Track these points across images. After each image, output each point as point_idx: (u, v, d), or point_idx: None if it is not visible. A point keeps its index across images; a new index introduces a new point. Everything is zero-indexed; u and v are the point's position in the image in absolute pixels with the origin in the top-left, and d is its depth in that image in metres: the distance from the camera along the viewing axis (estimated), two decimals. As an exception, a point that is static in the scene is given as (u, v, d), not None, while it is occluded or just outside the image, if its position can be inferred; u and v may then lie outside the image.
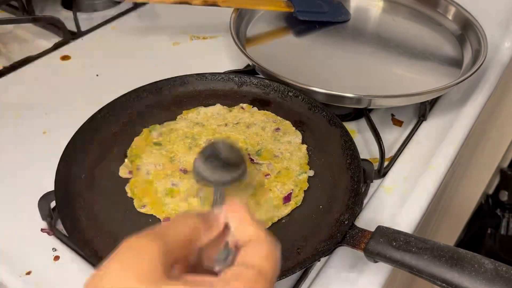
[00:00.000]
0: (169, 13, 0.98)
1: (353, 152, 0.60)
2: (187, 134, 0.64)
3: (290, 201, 0.56)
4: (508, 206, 1.56)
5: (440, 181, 0.64)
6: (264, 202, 0.55)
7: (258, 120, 0.66)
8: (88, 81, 0.80)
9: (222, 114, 0.67)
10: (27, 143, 0.69)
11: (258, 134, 0.64)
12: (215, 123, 0.66)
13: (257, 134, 0.64)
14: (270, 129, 0.65)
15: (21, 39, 0.90)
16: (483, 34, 0.79)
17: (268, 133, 0.64)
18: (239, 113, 0.67)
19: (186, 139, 0.63)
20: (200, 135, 0.64)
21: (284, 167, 0.60)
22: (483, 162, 1.33)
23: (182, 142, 0.63)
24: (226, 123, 0.66)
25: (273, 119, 0.67)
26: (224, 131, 0.64)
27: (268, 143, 0.63)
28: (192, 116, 0.67)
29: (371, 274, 0.53)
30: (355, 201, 0.55)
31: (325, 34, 0.86)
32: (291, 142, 0.63)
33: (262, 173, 0.59)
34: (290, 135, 0.64)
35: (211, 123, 0.66)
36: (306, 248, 0.52)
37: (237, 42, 0.75)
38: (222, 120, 0.66)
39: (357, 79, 0.75)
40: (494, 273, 0.43)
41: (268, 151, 0.62)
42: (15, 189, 0.62)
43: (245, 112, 0.67)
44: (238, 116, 0.67)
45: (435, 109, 0.75)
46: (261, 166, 0.60)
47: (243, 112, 0.67)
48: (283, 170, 0.59)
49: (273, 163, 0.60)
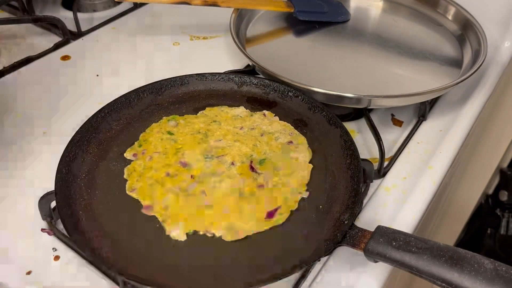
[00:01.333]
0: (169, 13, 0.98)
1: (353, 152, 0.60)
2: (200, 130, 0.64)
3: (273, 217, 0.55)
4: (507, 206, 1.56)
5: (440, 181, 0.64)
6: (247, 212, 0.55)
7: (275, 129, 0.65)
8: (88, 81, 0.80)
9: (242, 117, 0.67)
10: (27, 143, 0.69)
11: (268, 143, 0.63)
12: (232, 125, 0.65)
13: (268, 143, 0.63)
14: (282, 141, 0.64)
15: (21, 39, 0.90)
16: (483, 34, 0.79)
17: (279, 144, 0.63)
18: (258, 119, 0.67)
19: (198, 134, 0.64)
20: (213, 133, 0.64)
21: (280, 182, 0.58)
22: (483, 162, 1.33)
23: (193, 136, 0.64)
24: (242, 126, 0.65)
25: (290, 132, 0.65)
26: (237, 134, 0.64)
27: (275, 154, 0.62)
28: (212, 114, 0.67)
29: (371, 274, 0.53)
30: (355, 201, 0.55)
31: (325, 34, 0.86)
32: (299, 159, 0.61)
33: (257, 182, 0.58)
34: (300, 152, 0.62)
35: (228, 123, 0.66)
36: (306, 248, 0.52)
37: (237, 42, 0.75)
38: (240, 123, 0.66)
39: (357, 79, 0.75)
40: (493, 273, 0.43)
41: (271, 163, 0.61)
42: (15, 189, 0.62)
43: (265, 119, 0.67)
44: (256, 122, 0.66)
45: (435, 109, 0.75)
46: (258, 175, 0.59)
47: (263, 119, 0.67)
48: (279, 185, 0.58)
49: (272, 176, 0.59)
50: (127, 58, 0.86)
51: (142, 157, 0.61)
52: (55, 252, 0.55)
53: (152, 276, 0.48)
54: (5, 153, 0.67)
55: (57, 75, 0.81)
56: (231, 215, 0.54)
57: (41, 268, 0.53)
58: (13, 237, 0.56)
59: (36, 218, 0.57)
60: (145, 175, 0.58)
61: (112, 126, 0.65)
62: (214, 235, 0.53)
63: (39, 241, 0.56)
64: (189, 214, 0.54)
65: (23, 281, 0.52)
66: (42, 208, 0.56)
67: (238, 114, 0.68)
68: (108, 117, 0.65)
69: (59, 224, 0.56)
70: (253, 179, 0.58)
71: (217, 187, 0.57)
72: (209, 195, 0.56)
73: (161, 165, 0.60)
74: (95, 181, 0.58)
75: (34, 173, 0.64)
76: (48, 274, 0.53)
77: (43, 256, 0.54)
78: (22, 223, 0.58)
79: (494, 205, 1.59)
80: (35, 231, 0.57)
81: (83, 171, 0.59)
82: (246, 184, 0.58)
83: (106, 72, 0.82)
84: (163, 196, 0.56)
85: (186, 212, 0.55)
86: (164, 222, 0.54)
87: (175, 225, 0.53)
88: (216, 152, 0.61)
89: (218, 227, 0.53)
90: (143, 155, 0.61)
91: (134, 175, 0.59)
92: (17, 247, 0.55)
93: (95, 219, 0.54)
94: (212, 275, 0.50)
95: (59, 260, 0.54)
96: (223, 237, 0.53)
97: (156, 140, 0.63)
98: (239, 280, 0.49)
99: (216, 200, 0.56)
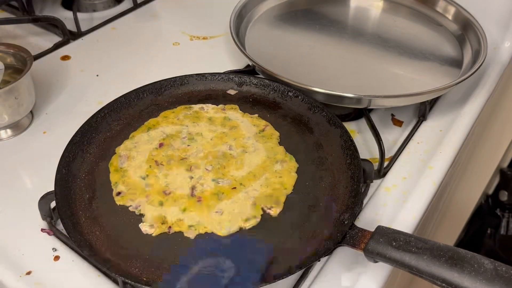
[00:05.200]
0: (169, 13, 0.98)
1: (353, 152, 0.60)
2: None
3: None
4: (507, 206, 1.56)
5: (440, 181, 0.64)
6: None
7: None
8: (88, 81, 0.80)
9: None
10: (27, 143, 0.69)
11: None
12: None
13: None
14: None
15: (21, 39, 0.90)
16: (483, 34, 0.79)
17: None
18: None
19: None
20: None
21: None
22: (483, 162, 1.33)
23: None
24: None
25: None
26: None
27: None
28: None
29: (371, 274, 0.53)
30: (355, 201, 0.55)
31: (325, 34, 0.86)
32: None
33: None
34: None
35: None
36: (306, 248, 0.52)
37: (237, 42, 0.75)
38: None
39: (357, 79, 0.75)
40: (493, 273, 0.43)
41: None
42: (15, 189, 0.62)
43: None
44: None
45: (435, 109, 0.75)
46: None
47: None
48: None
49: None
50: (127, 58, 0.86)
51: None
52: (55, 252, 0.55)
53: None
54: (6, 153, 0.67)
55: (57, 75, 0.81)
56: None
57: (41, 268, 0.53)
58: (13, 237, 0.56)
59: (36, 218, 0.57)
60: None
61: (112, 126, 0.65)
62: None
63: (39, 241, 0.56)
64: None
65: (23, 281, 0.52)
66: (42, 208, 0.56)
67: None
68: (108, 117, 0.65)
69: (59, 224, 0.56)
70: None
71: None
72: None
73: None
74: (95, 181, 0.58)
75: (34, 173, 0.64)
76: (48, 274, 0.53)
77: (43, 256, 0.54)
78: (22, 223, 0.58)
79: (494, 205, 1.59)
80: (35, 231, 0.57)
81: (83, 171, 0.59)
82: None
83: (106, 72, 0.82)
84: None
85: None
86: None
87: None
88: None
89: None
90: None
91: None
92: (17, 247, 0.55)
93: (94, 219, 0.54)
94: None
95: (59, 260, 0.54)
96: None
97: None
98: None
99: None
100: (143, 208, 0.55)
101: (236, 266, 0.50)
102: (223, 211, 0.55)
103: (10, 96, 0.66)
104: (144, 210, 0.55)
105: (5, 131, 0.69)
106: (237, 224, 0.54)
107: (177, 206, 0.56)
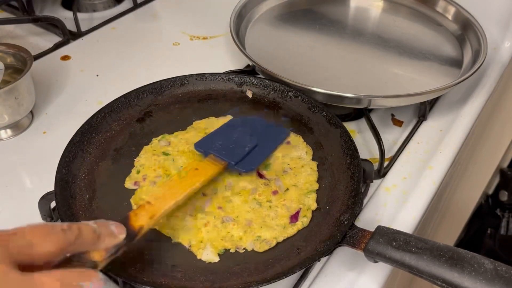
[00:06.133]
0: (169, 13, 0.98)
1: (353, 152, 0.60)
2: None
3: (297, 220, 0.55)
4: (508, 206, 1.56)
5: (440, 181, 0.64)
6: (271, 221, 0.54)
7: None
8: (88, 81, 0.80)
9: None
10: (27, 143, 0.69)
11: None
12: None
13: None
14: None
15: (21, 39, 0.90)
16: (483, 34, 0.79)
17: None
18: None
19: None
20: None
21: (292, 184, 0.58)
22: (483, 162, 1.33)
23: (191, 152, 0.61)
24: None
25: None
26: None
27: (277, 157, 0.61)
28: (201, 126, 0.66)
29: (371, 274, 0.53)
30: (355, 201, 0.55)
31: (325, 34, 0.86)
32: (301, 158, 0.61)
33: (270, 189, 0.57)
34: (301, 150, 0.62)
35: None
36: (306, 248, 0.52)
37: (237, 42, 0.75)
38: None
39: (357, 79, 0.75)
40: (494, 273, 0.43)
41: (277, 166, 0.60)
42: (15, 189, 0.62)
43: None
44: None
45: (435, 109, 0.75)
46: (270, 182, 0.58)
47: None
48: (292, 187, 0.58)
49: (282, 179, 0.58)
50: (127, 58, 0.86)
51: (145, 184, 0.58)
52: (55, 252, 0.55)
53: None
54: (6, 153, 0.67)
55: (57, 75, 0.81)
56: (256, 227, 0.54)
57: (41, 268, 0.53)
58: (13, 237, 0.56)
59: (36, 218, 0.57)
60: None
61: (112, 126, 0.65)
62: (246, 250, 0.52)
63: (39, 241, 0.56)
64: (214, 234, 0.53)
65: (23, 281, 0.52)
66: (42, 208, 0.56)
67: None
68: (108, 117, 0.65)
69: (59, 224, 0.56)
70: (265, 186, 0.58)
71: (232, 201, 0.56)
72: (227, 210, 0.55)
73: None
74: (95, 181, 0.58)
75: (34, 173, 0.64)
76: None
77: (43, 256, 0.54)
78: (22, 223, 0.58)
79: (494, 205, 1.59)
80: (35, 231, 0.57)
81: (83, 171, 0.59)
82: (260, 193, 0.57)
83: (106, 72, 0.82)
84: (182, 223, 0.54)
85: (210, 233, 0.53)
86: (192, 247, 0.52)
87: (204, 248, 0.52)
88: None
89: (247, 240, 0.53)
90: (145, 182, 0.58)
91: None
92: (17, 247, 0.55)
93: (94, 219, 0.54)
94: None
95: (59, 260, 0.54)
96: (256, 249, 0.52)
97: (153, 163, 0.60)
98: (239, 281, 0.49)
99: (237, 213, 0.55)
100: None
101: None
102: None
103: (10, 96, 0.66)
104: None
105: (5, 131, 0.69)
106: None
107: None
